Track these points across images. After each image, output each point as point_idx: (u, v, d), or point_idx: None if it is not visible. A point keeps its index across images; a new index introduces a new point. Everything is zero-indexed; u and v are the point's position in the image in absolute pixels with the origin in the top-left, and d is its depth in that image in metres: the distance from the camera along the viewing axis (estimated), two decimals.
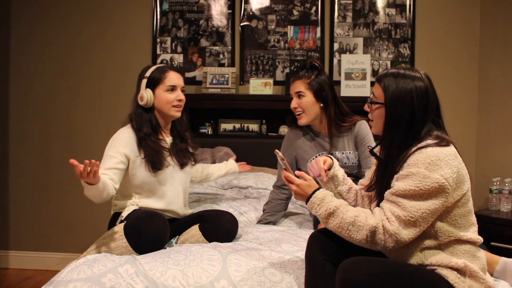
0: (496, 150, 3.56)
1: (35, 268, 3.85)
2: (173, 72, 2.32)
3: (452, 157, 1.59)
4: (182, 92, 2.34)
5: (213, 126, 3.75)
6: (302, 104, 2.46)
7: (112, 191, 2.09)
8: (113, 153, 2.19)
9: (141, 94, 2.28)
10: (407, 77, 1.66)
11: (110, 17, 3.85)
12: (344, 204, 1.66)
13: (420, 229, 1.57)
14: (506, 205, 3.26)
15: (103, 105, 3.86)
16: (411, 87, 1.64)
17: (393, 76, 1.67)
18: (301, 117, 2.48)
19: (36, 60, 3.89)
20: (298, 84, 2.47)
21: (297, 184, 1.74)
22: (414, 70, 1.70)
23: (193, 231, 2.21)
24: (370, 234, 1.57)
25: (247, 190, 3.19)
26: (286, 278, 1.79)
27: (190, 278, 1.75)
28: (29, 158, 3.91)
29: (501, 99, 3.54)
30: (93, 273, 1.77)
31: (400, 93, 1.64)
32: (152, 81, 2.29)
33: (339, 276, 1.54)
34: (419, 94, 1.64)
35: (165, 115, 2.32)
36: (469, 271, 1.59)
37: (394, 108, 1.64)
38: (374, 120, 1.74)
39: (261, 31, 3.81)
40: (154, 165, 2.22)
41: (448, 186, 1.55)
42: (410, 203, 1.55)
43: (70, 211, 3.87)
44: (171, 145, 2.35)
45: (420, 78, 1.66)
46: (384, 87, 1.67)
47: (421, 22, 3.73)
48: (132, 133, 2.25)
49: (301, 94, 2.46)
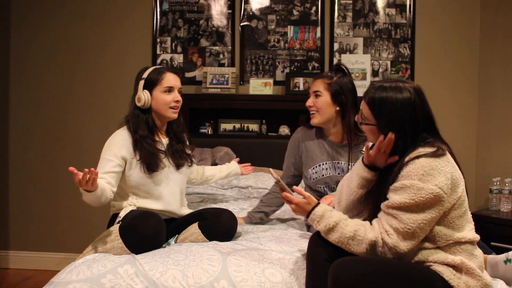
0: (496, 150, 3.55)
1: (35, 268, 3.85)
2: (170, 73, 2.33)
3: (445, 163, 1.59)
4: (179, 93, 2.35)
5: (213, 126, 3.75)
6: (317, 104, 2.41)
7: (110, 195, 2.13)
8: (110, 156, 2.20)
9: (138, 95, 2.29)
10: (392, 90, 1.67)
11: (110, 17, 3.85)
12: (343, 219, 1.67)
13: (419, 239, 1.59)
14: (506, 205, 3.26)
15: (102, 105, 3.86)
16: (398, 102, 1.65)
17: (379, 95, 1.68)
18: (314, 116, 2.43)
19: (36, 60, 3.88)
20: (318, 83, 2.43)
21: (295, 203, 1.76)
22: (400, 81, 1.71)
23: (193, 229, 2.21)
24: (370, 247, 1.59)
25: (247, 190, 3.19)
26: (286, 279, 1.79)
27: (190, 278, 1.75)
28: (29, 158, 3.91)
29: (501, 99, 3.53)
30: (92, 273, 1.77)
31: (388, 111, 1.66)
32: (149, 82, 2.29)
33: (331, 274, 1.55)
34: (405, 105, 1.65)
35: (162, 116, 2.33)
36: (465, 268, 1.60)
37: (386, 127, 1.66)
38: (367, 134, 1.77)
39: (261, 31, 3.81)
40: (149, 166, 2.23)
41: (444, 195, 1.56)
42: (406, 215, 1.56)
43: (70, 211, 3.86)
44: (167, 146, 2.35)
45: (407, 91, 1.66)
46: (370, 107, 1.69)
47: (421, 22, 3.73)
48: (128, 134, 2.26)
49: (318, 93, 2.41)
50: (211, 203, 2.89)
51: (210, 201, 2.95)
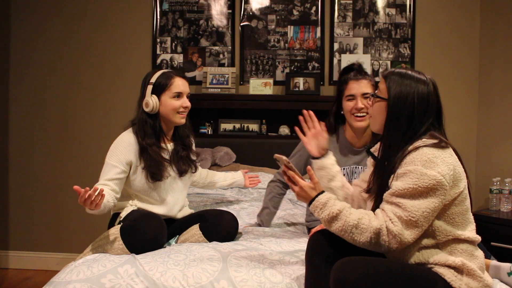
0: (496, 150, 3.55)
1: (35, 268, 3.85)
2: (179, 78, 2.28)
3: (448, 155, 1.61)
4: (188, 99, 2.30)
5: (213, 126, 3.75)
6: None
7: (112, 205, 2.12)
8: (115, 162, 2.16)
9: (146, 100, 2.23)
10: (412, 78, 1.69)
11: (110, 17, 3.85)
12: (347, 207, 1.66)
13: (422, 229, 1.58)
14: (506, 205, 3.26)
15: (103, 104, 3.86)
16: (414, 88, 1.67)
17: (399, 75, 1.70)
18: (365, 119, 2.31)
19: (36, 60, 3.88)
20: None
21: (300, 186, 1.73)
22: (421, 73, 1.72)
23: (194, 230, 2.21)
24: (374, 236, 1.57)
25: (247, 190, 3.19)
26: (286, 279, 1.79)
27: (190, 278, 1.75)
28: (30, 158, 3.91)
29: (501, 99, 3.53)
30: (92, 273, 1.77)
31: (402, 92, 1.67)
32: (157, 87, 2.24)
33: (333, 275, 1.54)
34: (420, 96, 1.66)
35: (169, 122, 2.28)
36: (466, 269, 1.59)
37: (395, 105, 1.67)
38: (373, 116, 1.76)
39: (261, 31, 3.81)
40: (153, 176, 2.20)
41: (445, 183, 1.56)
42: (410, 203, 1.56)
43: (70, 211, 3.86)
44: (172, 152, 2.31)
45: (424, 82, 1.69)
46: (388, 84, 1.70)
47: (421, 22, 3.73)
48: (134, 139, 2.22)
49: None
50: (211, 203, 2.89)
51: (210, 201, 2.95)
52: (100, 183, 2.12)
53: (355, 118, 2.31)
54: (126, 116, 3.36)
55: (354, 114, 2.30)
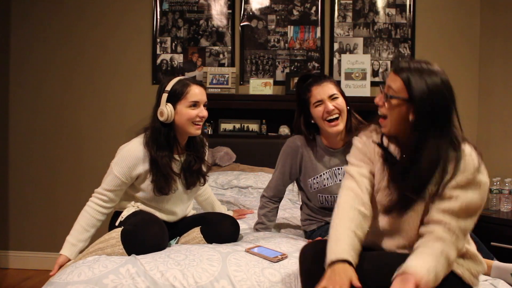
0: (496, 150, 3.55)
1: (35, 268, 3.85)
2: (196, 86, 2.15)
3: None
4: (205, 107, 2.18)
5: (213, 126, 3.75)
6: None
7: (99, 224, 2.16)
8: (119, 174, 2.09)
9: (161, 109, 2.11)
10: (431, 72, 1.52)
11: (110, 17, 3.85)
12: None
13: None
14: (506, 205, 3.26)
15: (103, 105, 3.86)
16: (439, 81, 1.49)
17: (417, 71, 1.50)
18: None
19: (36, 60, 3.89)
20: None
21: None
22: (431, 64, 1.56)
23: (195, 233, 2.19)
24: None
25: (247, 190, 3.19)
26: (285, 278, 1.79)
27: (190, 278, 1.75)
28: (29, 158, 3.91)
29: (501, 99, 3.54)
30: (94, 274, 1.76)
31: (429, 88, 1.48)
32: (173, 95, 2.11)
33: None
34: (448, 88, 1.51)
35: (184, 132, 2.16)
36: (469, 254, 1.60)
37: (425, 105, 1.46)
38: (390, 117, 1.55)
39: (261, 31, 3.81)
40: (160, 190, 2.14)
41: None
42: (474, 218, 1.53)
43: (70, 211, 3.85)
44: (183, 164, 2.22)
45: (443, 72, 1.54)
46: (407, 82, 1.49)
47: (421, 22, 3.74)
48: (143, 153, 2.12)
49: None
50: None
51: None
52: (98, 191, 2.14)
53: (328, 124, 2.23)
54: (126, 116, 3.38)
55: (326, 120, 2.23)
